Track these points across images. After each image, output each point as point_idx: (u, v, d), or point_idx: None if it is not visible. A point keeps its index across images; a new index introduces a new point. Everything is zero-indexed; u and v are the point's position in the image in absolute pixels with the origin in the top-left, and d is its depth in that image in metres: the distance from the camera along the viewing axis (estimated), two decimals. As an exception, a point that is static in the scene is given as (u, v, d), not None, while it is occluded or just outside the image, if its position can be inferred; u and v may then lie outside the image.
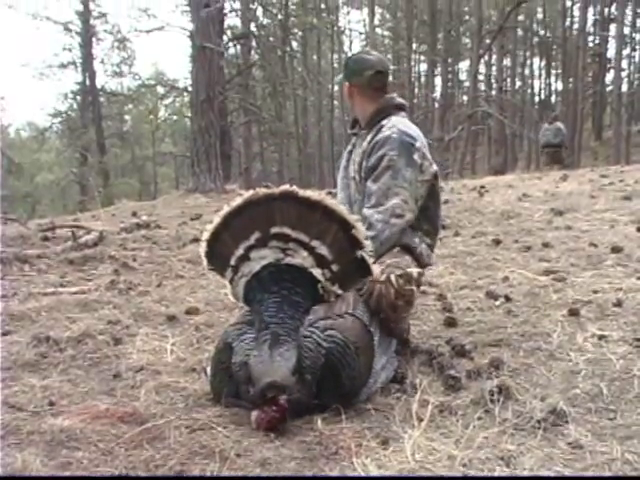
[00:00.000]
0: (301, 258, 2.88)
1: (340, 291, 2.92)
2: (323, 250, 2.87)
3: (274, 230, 2.87)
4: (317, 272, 2.88)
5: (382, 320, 3.14)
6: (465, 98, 39.47)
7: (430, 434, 2.42)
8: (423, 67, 44.31)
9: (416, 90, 43.58)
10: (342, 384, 2.72)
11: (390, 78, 3.74)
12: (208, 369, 3.01)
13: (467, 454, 2.22)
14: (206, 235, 3.01)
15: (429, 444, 2.32)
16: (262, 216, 2.89)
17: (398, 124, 3.48)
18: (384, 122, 3.51)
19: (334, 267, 2.89)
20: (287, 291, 2.85)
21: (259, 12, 28.67)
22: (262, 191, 2.95)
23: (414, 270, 3.22)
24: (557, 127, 17.27)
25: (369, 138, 3.52)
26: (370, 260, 2.93)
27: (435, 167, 3.53)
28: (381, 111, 3.59)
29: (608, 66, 38.92)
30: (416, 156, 3.41)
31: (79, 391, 3.01)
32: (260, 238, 2.88)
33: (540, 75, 48.61)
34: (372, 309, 3.09)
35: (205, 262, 3.06)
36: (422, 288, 4.66)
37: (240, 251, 2.91)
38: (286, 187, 2.93)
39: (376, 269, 3.01)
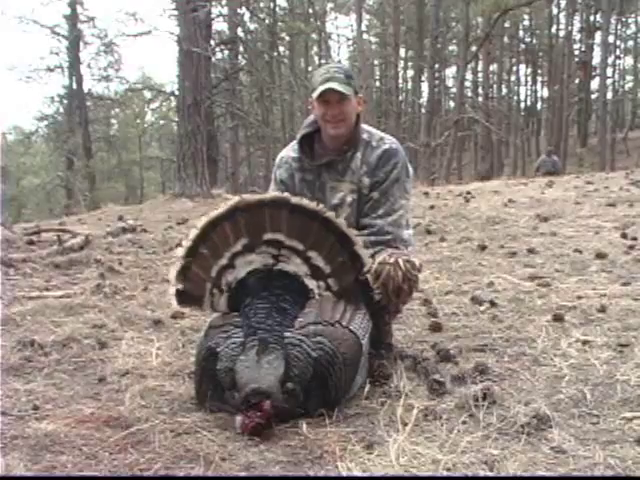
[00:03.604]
0: (294, 265, 2.90)
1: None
2: (319, 262, 2.91)
3: (266, 237, 2.89)
4: (312, 284, 2.92)
5: (374, 323, 3.13)
6: (452, 104, 39.57)
7: (414, 438, 2.42)
8: (410, 73, 44.48)
9: (403, 96, 43.65)
10: (328, 392, 2.71)
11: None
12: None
13: (451, 458, 2.23)
14: (182, 251, 2.96)
15: (413, 448, 2.33)
16: (251, 223, 2.89)
17: (384, 134, 3.44)
18: (365, 135, 3.37)
19: (331, 282, 2.95)
20: (276, 297, 2.86)
21: (246, 17, 28.68)
22: (250, 197, 2.94)
23: (416, 260, 3.25)
24: (554, 160, 20.25)
25: (360, 156, 3.34)
26: (370, 280, 2.97)
27: None
28: (358, 122, 3.39)
29: (593, 73, 39.14)
30: (408, 165, 3.41)
31: (64, 395, 3.00)
32: (248, 244, 2.89)
33: (526, 82, 48.97)
34: (376, 290, 3.06)
35: (175, 302, 3.02)
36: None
37: (224, 261, 2.92)
38: (277, 194, 2.94)
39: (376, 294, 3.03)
